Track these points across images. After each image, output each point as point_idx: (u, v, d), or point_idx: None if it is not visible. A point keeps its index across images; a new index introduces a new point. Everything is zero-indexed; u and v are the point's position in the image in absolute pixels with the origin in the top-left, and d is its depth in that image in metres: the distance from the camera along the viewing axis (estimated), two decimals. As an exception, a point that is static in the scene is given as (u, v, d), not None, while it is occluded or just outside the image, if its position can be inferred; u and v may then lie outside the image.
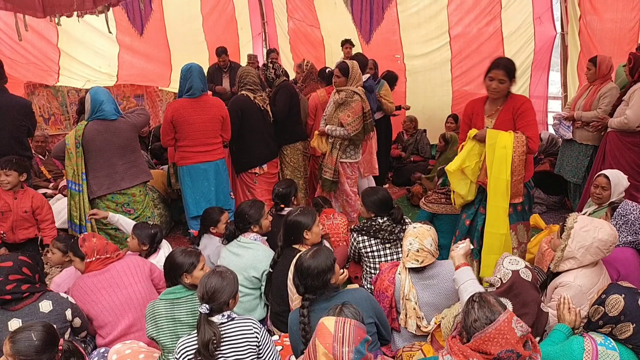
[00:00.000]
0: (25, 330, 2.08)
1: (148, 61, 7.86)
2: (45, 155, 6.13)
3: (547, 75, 6.25)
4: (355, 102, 4.46)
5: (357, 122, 4.47)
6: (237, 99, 4.52)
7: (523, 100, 3.34)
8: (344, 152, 4.62)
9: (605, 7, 5.27)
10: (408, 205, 5.76)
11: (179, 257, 2.72)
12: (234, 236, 3.42)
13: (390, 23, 7.14)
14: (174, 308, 2.59)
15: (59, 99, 7.20)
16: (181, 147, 4.18)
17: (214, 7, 8.27)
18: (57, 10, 4.14)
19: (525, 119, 3.25)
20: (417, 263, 2.75)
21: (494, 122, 3.37)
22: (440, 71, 6.96)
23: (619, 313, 2.10)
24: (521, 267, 2.45)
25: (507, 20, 6.17)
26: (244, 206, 3.48)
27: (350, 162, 4.69)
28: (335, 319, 1.92)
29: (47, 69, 6.96)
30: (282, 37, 8.81)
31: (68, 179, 3.79)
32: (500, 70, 3.23)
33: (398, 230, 3.42)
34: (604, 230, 2.56)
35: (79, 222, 3.77)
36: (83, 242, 3.00)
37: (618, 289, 2.18)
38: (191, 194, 4.25)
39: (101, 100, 3.76)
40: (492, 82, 3.27)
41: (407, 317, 2.75)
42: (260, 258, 3.24)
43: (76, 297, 2.86)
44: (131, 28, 7.50)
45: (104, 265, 2.98)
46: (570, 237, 2.58)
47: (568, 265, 2.61)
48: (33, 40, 6.53)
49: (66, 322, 2.66)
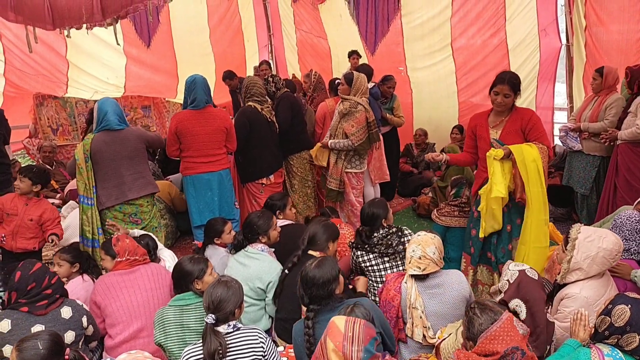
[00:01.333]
0: (31, 339, 2.08)
1: (155, 73, 7.95)
2: (53, 166, 6.18)
3: (553, 87, 6.25)
4: (359, 112, 4.49)
5: (361, 132, 4.49)
6: (245, 111, 4.54)
7: (530, 113, 3.42)
8: (349, 162, 4.63)
9: (611, 18, 5.28)
10: (414, 216, 5.75)
11: (187, 265, 2.77)
12: (241, 246, 3.41)
13: (395, 35, 7.18)
14: (183, 315, 2.61)
15: (67, 110, 7.28)
16: (185, 157, 4.22)
17: (220, 20, 8.37)
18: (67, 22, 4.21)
19: (537, 130, 3.36)
20: (419, 270, 2.74)
21: (500, 133, 3.43)
22: (445, 83, 6.97)
23: (625, 324, 2.08)
24: (527, 267, 2.51)
25: (511, 32, 6.18)
26: (253, 216, 3.48)
27: (356, 172, 4.69)
28: (345, 318, 1.97)
29: (55, 80, 7.05)
30: (290, 49, 8.88)
31: (80, 193, 3.81)
32: (506, 85, 3.33)
33: (396, 243, 3.38)
34: (608, 240, 2.55)
35: (92, 236, 3.78)
36: (117, 242, 3.08)
37: (625, 299, 2.16)
38: (195, 203, 4.27)
39: (105, 111, 3.79)
40: (498, 97, 3.37)
41: (414, 326, 2.73)
42: (266, 269, 3.23)
43: (98, 291, 2.94)
44: (138, 40, 7.59)
45: (130, 266, 3.04)
46: (575, 248, 2.57)
47: (575, 277, 2.58)
48: (42, 52, 6.63)
49: (82, 330, 2.70)
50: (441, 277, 2.80)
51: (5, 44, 6.50)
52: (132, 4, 3.79)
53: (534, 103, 6.33)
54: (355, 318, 1.98)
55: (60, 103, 7.20)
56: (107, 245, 3.17)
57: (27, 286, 2.56)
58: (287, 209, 4.00)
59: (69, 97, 7.22)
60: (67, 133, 7.34)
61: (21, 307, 2.55)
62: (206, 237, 3.89)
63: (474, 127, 3.59)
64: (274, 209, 3.92)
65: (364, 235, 3.49)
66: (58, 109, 7.21)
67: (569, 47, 5.91)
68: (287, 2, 8.43)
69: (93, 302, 2.97)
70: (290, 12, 8.48)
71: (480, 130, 3.53)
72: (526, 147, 3.24)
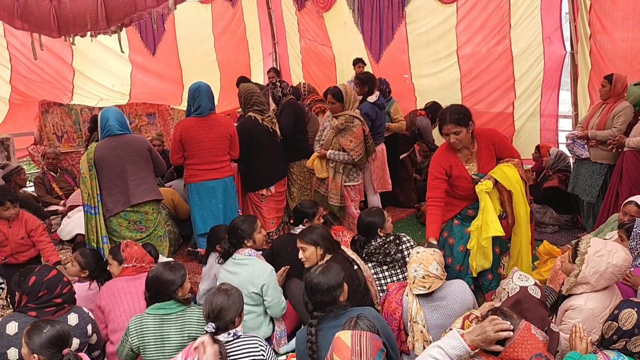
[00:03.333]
0: (43, 323, 2.21)
1: (160, 80, 7.99)
2: (57, 172, 6.20)
3: (557, 94, 6.23)
4: (356, 126, 4.42)
5: (359, 146, 4.44)
6: (246, 122, 4.50)
7: (493, 134, 3.33)
8: (348, 175, 4.60)
9: (615, 26, 5.26)
10: (417, 224, 5.71)
11: (167, 274, 2.65)
12: (229, 254, 3.37)
13: (400, 42, 7.19)
14: (162, 325, 2.58)
15: (73, 117, 7.31)
16: (190, 165, 4.20)
17: (225, 28, 8.43)
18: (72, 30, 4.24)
19: (506, 148, 3.29)
20: (425, 289, 2.69)
21: (477, 166, 3.28)
22: (450, 90, 6.96)
23: (633, 326, 2.08)
24: (530, 284, 2.43)
25: (516, 39, 6.18)
26: (236, 221, 3.46)
27: (354, 184, 4.67)
28: (351, 333, 1.94)
29: (61, 87, 7.10)
30: (294, 57, 8.91)
31: (84, 203, 3.82)
32: (450, 124, 3.11)
33: (394, 252, 3.34)
34: (618, 255, 2.50)
35: (96, 245, 3.78)
36: (125, 248, 3.12)
37: (630, 303, 2.16)
38: (199, 211, 4.25)
39: (107, 117, 3.81)
40: (450, 137, 3.16)
41: (415, 340, 2.69)
42: (257, 273, 3.20)
43: (103, 296, 2.97)
44: (144, 48, 7.65)
45: (137, 273, 3.06)
46: (584, 263, 2.51)
47: (581, 290, 2.56)
48: (48, 59, 6.68)
49: (87, 338, 2.70)
50: (444, 289, 2.75)
51: (12, 52, 6.57)
52: (136, 11, 3.80)
53: (538, 110, 6.31)
54: (361, 331, 1.95)
55: (65, 110, 7.24)
56: (115, 251, 3.19)
57: (39, 292, 2.58)
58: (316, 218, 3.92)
59: (74, 105, 7.26)
60: (72, 140, 7.36)
61: (29, 312, 2.57)
62: (209, 244, 3.88)
63: (448, 168, 3.27)
64: (307, 217, 3.86)
65: (358, 245, 3.47)
66: (63, 116, 7.24)
67: (573, 55, 5.90)
68: (291, 10, 8.47)
69: (97, 306, 2.99)
70: (294, 21, 8.52)
71: (457, 170, 3.27)
72: (506, 169, 3.13)
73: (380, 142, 5.36)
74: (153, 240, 3.91)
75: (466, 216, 3.38)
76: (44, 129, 7.10)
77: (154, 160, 3.98)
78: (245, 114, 4.57)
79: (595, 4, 5.37)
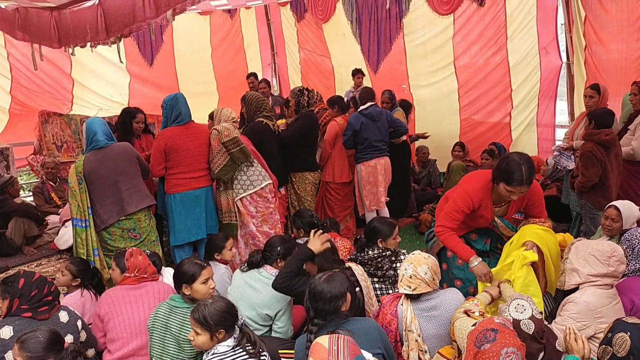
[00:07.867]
0: (31, 332, 2.21)
1: (158, 90, 8.01)
2: (56, 182, 6.20)
3: (554, 104, 6.28)
4: (213, 137, 4.11)
5: (218, 157, 4.13)
6: (256, 126, 4.47)
7: (535, 187, 3.14)
8: (234, 188, 4.24)
9: (610, 37, 5.32)
10: (415, 233, 5.71)
11: (184, 266, 2.78)
12: (256, 265, 3.23)
13: (398, 53, 7.26)
14: (170, 315, 2.68)
15: (72, 127, 7.33)
16: (173, 174, 4.10)
17: (223, 39, 8.52)
18: (72, 40, 4.29)
19: (538, 205, 3.20)
20: (409, 289, 2.66)
21: (505, 210, 3.28)
22: (448, 100, 7.01)
23: (627, 353, 2.04)
24: (525, 318, 2.27)
25: (513, 50, 6.24)
26: (277, 239, 3.35)
27: (250, 193, 4.23)
28: (328, 336, 1.92)
29: (61, 97, 7.15)
30: (293, 67, 8.99)
31: (73, 216, 3.72)
32: (525, 186, 2.93)
33: (387, 268, 3.29)
34: (602, 243, 2.71)
35: (87, 258, 3.74)
36: (130, 257, 3.09)
37: (623, 326, 2.11)
38: (183, 221, 4.12)
39: (95, 131, 3.76)
40: (512, 195, 2.99)
41: (410, 349, 2.65)
42: (279, 298, 3.07)
43: (103, 304, 2.95)
44: (141, 58, 7.74)
45: (138, 282, 3.04)
46: (571, 251, 2.79)
47: (574, 280, 2.70)
48: (48, 70, 6.74)
49: (78, 334, 2.72)
50: (437, 298, 2.72)
51: (12, 62, 6.62)
52: (135, 22, 3.84)
53: (535, 120, 6.36)
54: (339, 335, 1.93)
55: (65, 120, 7.25)
56: (119, 257, 3.16)
57: (31, 292, 2.59)
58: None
59: (73, 114, 7.28)
60: (72, 150, 7.37)
61: (23, 313, 2.56)
62: (206, 252, 3.86)
63: (477, 207, 3.16)
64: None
65: (358, 245, 3.46)
66: (63, 126, 7.25)
67: (569, 65, 5.95)
68: (291, 22, 8.56)
69: (97, 314, 2.97)
70: (294, 32, 8.60)
71: (484, 210, 3.19)
72: (544, 235, 3.02)
73: (377, 156, 5.10)
74: (147, 245, 3.88)
75: (469, 239, 3.41)
76: (43, 139, 7.11)
77: (141, 167, 3.98)
78: (254, 120, 4.54)
79: (590, 15, 5.44)
